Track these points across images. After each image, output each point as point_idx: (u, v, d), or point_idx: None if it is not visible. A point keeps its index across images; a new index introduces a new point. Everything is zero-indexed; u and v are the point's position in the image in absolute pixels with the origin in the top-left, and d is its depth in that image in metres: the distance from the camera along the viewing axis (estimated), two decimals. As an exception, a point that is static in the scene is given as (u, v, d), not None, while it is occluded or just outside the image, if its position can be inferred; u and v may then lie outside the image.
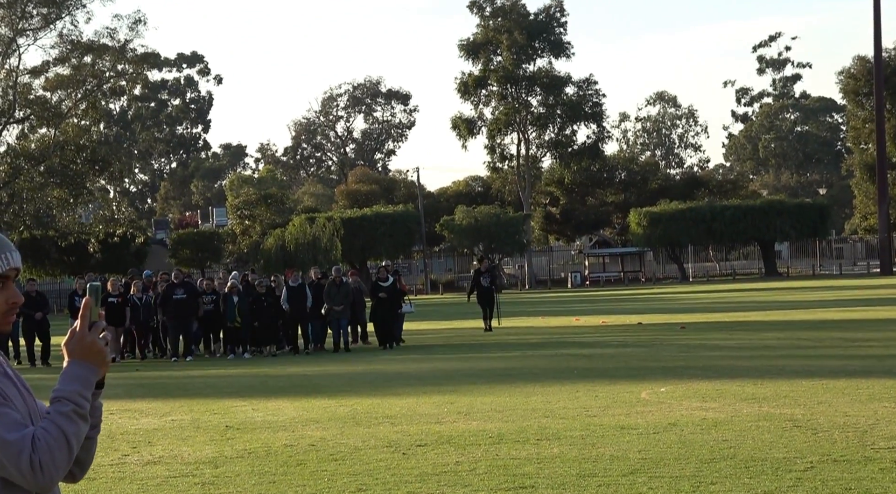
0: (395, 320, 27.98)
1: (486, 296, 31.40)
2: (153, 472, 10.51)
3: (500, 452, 10.74)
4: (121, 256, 69.87)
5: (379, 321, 27.51)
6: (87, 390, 3.04)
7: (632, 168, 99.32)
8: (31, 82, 72.15)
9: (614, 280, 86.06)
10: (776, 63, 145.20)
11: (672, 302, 48.36)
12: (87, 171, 67.68)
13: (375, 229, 79.59)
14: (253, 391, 18.02)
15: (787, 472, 9.18)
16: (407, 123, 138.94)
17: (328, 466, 10.36)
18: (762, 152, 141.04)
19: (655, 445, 10.74)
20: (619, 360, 20.81)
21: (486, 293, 31.38)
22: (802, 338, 24.54)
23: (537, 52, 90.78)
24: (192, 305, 26.43)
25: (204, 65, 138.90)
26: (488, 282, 31.44)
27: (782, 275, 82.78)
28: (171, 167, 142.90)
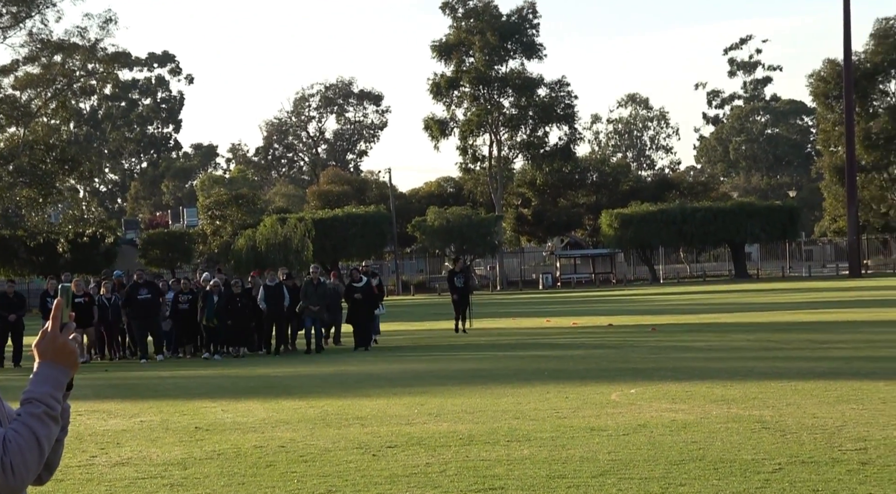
0: (371, 320, 27.84)
1: (461, 296, 31.09)
2: (121, 473, 10.46)
3: (470, 453, 10.74)
4: (90, 256, 69.49)
5: (356, 322, 27.32)
6: (59, 391, 3.03)
7: (603, 170, 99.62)
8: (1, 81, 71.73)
9: (585, 282, 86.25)
10: (747, 66, 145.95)
11: (643, 304, 48.51)
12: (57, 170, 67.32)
13: (347, 230, 79.50)
14: (223, 393, 17.95)
15: (755, 473, 9.22)
16: (379, 124, 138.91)
17: (298, 467, 10.34)
18: (733, 154, 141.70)
19: (625, 446, 10.77)
20: (589, 361, 20.84)
21: (460, 293, 31.07)
22: (772, 340, 24.64)
23: (509, 53, 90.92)
24: (157, 305, 26.28)
25: (175, 64, 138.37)
26: (462, 282, 31.17)
27: (752, 277, 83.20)
28: (142, 167, 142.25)
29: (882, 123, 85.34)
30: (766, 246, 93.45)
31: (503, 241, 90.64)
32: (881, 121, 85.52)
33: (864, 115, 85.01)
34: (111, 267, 59.83)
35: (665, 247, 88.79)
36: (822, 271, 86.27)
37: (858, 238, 79.04)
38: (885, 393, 14.20)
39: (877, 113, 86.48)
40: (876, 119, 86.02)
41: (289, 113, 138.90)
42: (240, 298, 26.40)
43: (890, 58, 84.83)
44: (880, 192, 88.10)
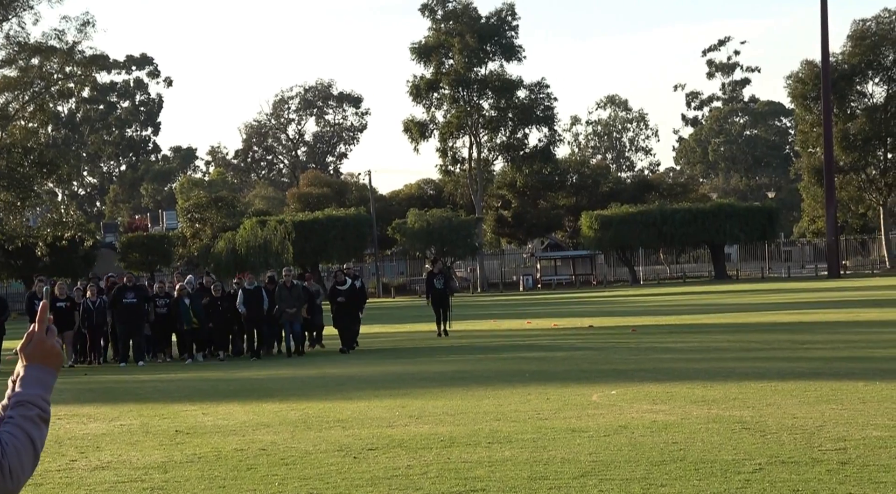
0: (356, 323, 27.65)
1: (440, 298, 30.61)
2: (101, 477, 10.41)
3: (451, 455, 10.73)
4: (69, 259, 69.21)
5: (341, 325, 27.09)
6: (48, 393, 3.07)
7: (583, 171, 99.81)
8: (-22, 84, 71.38)
9: (566, 283, 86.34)
10: (725, 67, 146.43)
11: (623, 305, 48.59)
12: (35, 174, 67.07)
13: (327, 233, 79.38)
14: (203, 396, 17.90)
15: (735, 474, 9.25)
16: (359, 126, 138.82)
17: (279, 470, 10.32)
18: (712, 156, 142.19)
19: (606, 447, 10.78)
20: (570, 363, 20.86)
21: (440, 296, 30.59)
22: (751, 341, 24.71)
23: (489, 55, 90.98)
24: (143, 309, 26.14)
25: (154, 67, 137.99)
26: (442, 284, 30.68)
27: (732, 278, 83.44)
28: (121, 170, 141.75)
29: (860, 124, 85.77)
30: (746, 247, 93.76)
31: (483, 243, 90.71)
32: (859, 122, 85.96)
33: (842, 116, 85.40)
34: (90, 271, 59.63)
35: (645, 248, 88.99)
36: (800, 272, 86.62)
37: (837, 239, 79.37)
38: (864, 393, 14.26)
39: (854, 114, 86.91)
40: (854, 120, 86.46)
41: (268, 115, 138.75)
42: (220, 301, 26.30)
43: (867, 59, 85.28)
44: (858, 193, 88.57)
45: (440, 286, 30.53)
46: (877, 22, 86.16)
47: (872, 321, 29.70)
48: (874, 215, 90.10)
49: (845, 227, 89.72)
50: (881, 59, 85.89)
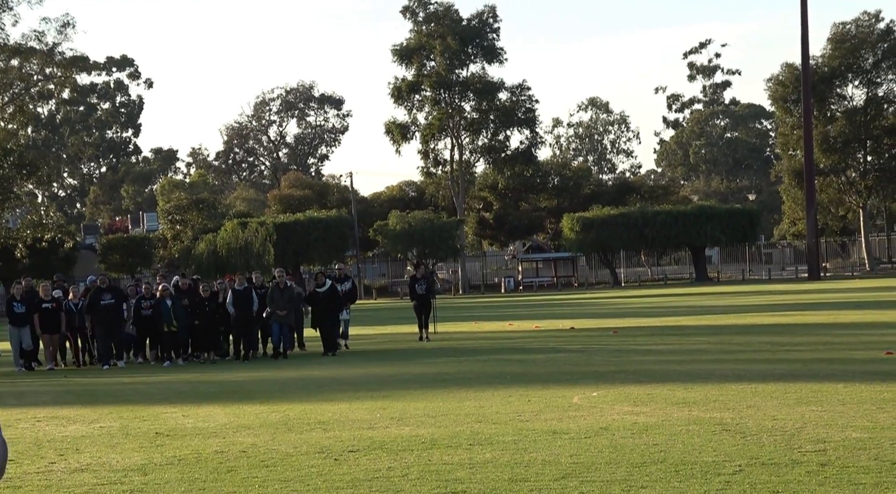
0: (336, 325, 27.39)
1: (423, 303, 30.27)
2: (80, 480, 10.37)
3: (432, 457, 10.73)
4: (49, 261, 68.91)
5: (322, 327, 26.90)
6: None
7: (564, 174, 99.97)
8: (-43, 85, 71.07)
9: (547, 285, 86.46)
10: (706, 70, 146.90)
11: (604, 307, 48.67)
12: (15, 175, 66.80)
13: (308, 234, 79.31)
14: (183, 398, 17.84)
15: (716, 476, 9.27)
16: (340, 128, 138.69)
17: (259, 472, 10.30)
18: (693, 158, 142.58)
19: (587, 449, 10.79)
20: (551, 365, 20.87)
21: (422, 300, 30.28)
22: (732, 342, 24.78)
23: (470, 57, 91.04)
24: (120, 309, 25.97)
25: (134, 68, 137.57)
26: (424, 289, 30.38)
27: (713, 280, 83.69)
28: (101, 172, 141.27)
29: (840, 126, 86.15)
30: (727, 249, 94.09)
31: (465, 245, 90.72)
32: (839, 125, 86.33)
33: (822, 118, 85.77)
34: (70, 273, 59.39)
35: (626, 250, 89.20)
36: (781, 274, 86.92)
37: (817, 241, 79.69)
38: (844, 395, 14.31)
39: (835, 117, 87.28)
40: (834, 123, 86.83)
41: (249, 117, 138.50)
42: (207, 302, 26.11)
43: (847, 62, 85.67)
44: (838, 195, 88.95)
45: (422, 291, 30.27)
46: (856, 25, 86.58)
47: (852, 322, 29.82)
48: (854, 217, 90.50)
49: (825, 229, 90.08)
50: (861, 62, 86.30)
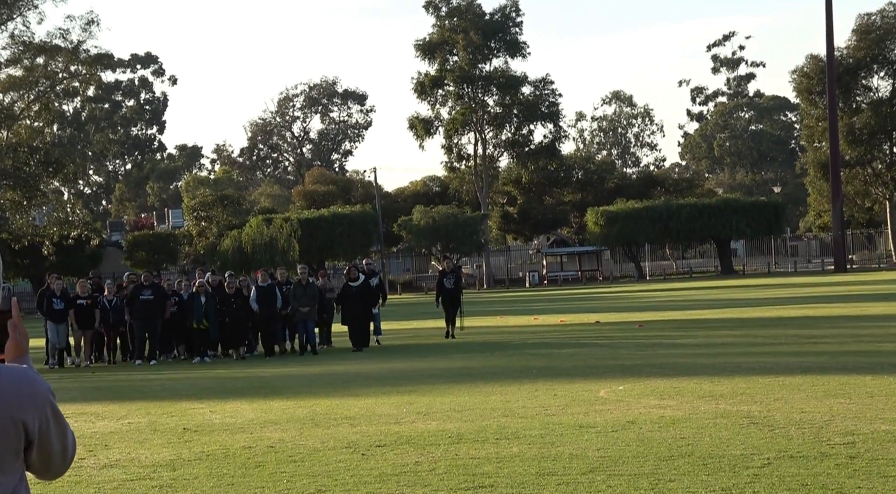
0: (368, 320, 27.11)
1: (451, 298, 29.49)
2: (110, 476, 10.42)
3: (459, 452, 10.73)
4: (75, 258, 69.24)
5: (352, 322, 26.62)
6: None
7: (588, 167, 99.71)
8: (-17, 84, 71.45)
9: (572, 279, 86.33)
10: (730, 62, 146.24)
11: (629, 301, 48.55)
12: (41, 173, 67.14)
13: (333, 230, 79.39)
14: (210, 393, 17.90)
15: (744, 469, 9.23)
16: (364, 124, 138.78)
17: (287, 468, 10.32)
18: (717, 151, 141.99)
19: (614, 443, 10.77)
20: (577, 359, 20.85)
21: (450, 295, 29.50)
22: (758, 335, 24.69)
23: (493, 51, 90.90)
24: (160, 306, 25.88)
25: (158, 65, 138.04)
26: (452, 283, 29.61)
27: (738, 273, 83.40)
28: (126, 169, 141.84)
29: (865, 118, 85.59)
30: (752, 242, 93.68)
31: (489, 239, 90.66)
32: (864, 116, 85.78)
33: (848, 110, 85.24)
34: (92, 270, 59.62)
35: (651, 244, 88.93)
36: (807, 267, 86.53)
37: (843, 233, 79.25)
38: (872, 387, 14.24)
39: (860, 108, 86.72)
40: (859, 114, 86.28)
41: (273, 113, 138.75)
42: (234, 299, 26.08)
43: (872, 53, 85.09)
44: (864, 187, 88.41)
45: (451, 286, 29.54)
46: (882, 16, 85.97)
47: (879, 315, 29.65)
48: (880, 209, 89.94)
49: (851, 221, 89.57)
50: (886, 53, 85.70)
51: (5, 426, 2.93)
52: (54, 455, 3.09)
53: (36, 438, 3.00)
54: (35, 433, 2.99)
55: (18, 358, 3.13)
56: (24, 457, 3.02)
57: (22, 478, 3.04)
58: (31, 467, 3.07)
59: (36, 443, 3.01)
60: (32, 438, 2.99)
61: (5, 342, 3.18)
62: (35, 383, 3.01)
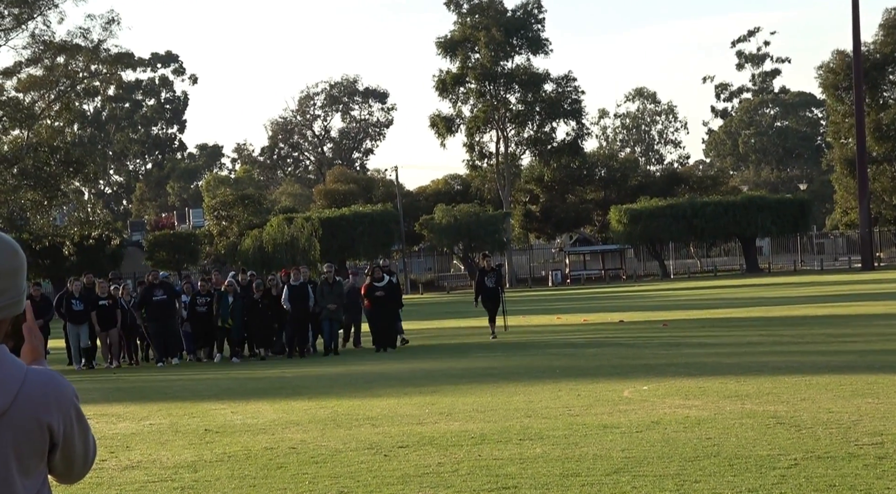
0: (395, 321, 27.03)
1: (493, 297, 28.80)
2: (131, 477, 10.46)
3: (482, 452, 10.73)
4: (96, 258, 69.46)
5: (377, 323, 26.54)
6: None
7: (612, 165, 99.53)
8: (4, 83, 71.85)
9: (595, 278, 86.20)
10: (755, 58, 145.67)
11: (653, 300, 48.45)
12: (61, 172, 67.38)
13: (354, 229, 79.49)
14: (232, 394, 17.96)
15: (770, 469, 9.20)
16: (385, 122, 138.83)
17: (309, 469, 10.34)
18: (742, 148, 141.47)
19: (639, 443, 10.75)
20: (601, 358, 20.82)
21: (491, 295, 28.79)
22: (784, 334, 24.61)
23: (515, 49, 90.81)
24: (173, 305, 25.90)
25: (179, 64, 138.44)
26: (493, 282, 28.87)
27: (763, 271, 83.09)
28: (147, 168, 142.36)
29: (892, 113, 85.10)
30: (778, 240, 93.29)
31: (511, 238, 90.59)
32: (892, 112, 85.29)
33: (875, 106, 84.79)
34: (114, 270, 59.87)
35: (675, 242, 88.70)
36: (834, 265, 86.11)
37: (871, 230, 78.84)
38: (901, 387, 14.16)
39: (887, 104, 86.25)
40: (886, 110, 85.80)
41: (294, 112, 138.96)
42: (261, 299, 26.00)
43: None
44: (892, 183, 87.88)
45: (491, 284, 28.81)
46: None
47: (908, 313, 29.48)
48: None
49: (879, 218, 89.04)
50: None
51: (31, 429, 2.94)
52: (77, 458, 3.10)
53: (60, 441, 3.01)
54: (60, 436, 3.00)
55: (35, 362, 3.14)
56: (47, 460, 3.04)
57: (45, 482, 3.05)
58: (54, 470, 3.08)
59: (60, 446, 3.02)
60: (57, 441, 3.01)
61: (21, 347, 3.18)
62: (60, 385, 3.02)
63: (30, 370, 2.99)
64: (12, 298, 3.03)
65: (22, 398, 2.93)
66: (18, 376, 2.96)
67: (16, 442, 2.93)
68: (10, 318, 3.05)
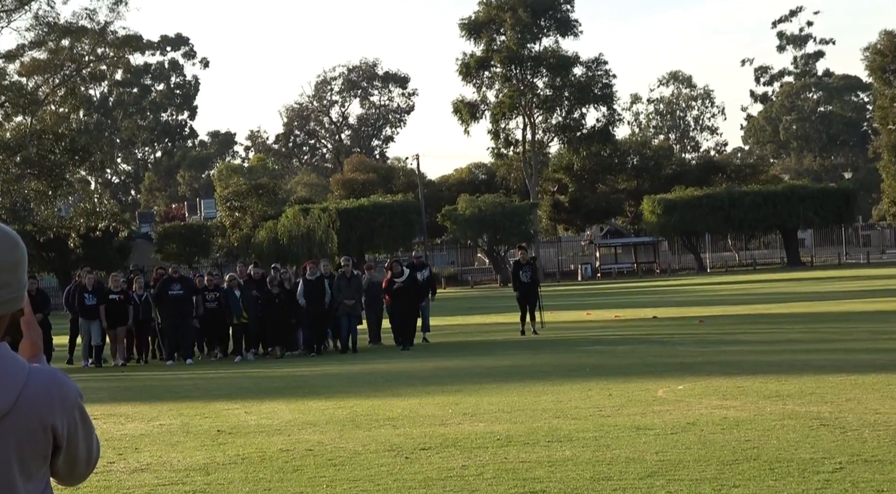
0: (415, 318, 26.99)
1: (528, 293, 28.46)
2: (140, 480, 10.51)
3: (508, 455, 10.74)
4: (103, 251, 69.86)
5: (398, 320, 26.51)
6: None
7: (644, 153, 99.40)
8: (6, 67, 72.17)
9: (627, 272, 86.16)
10: (797, 39, 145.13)
11: (689, 294, 48.39)
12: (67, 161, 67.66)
13: (373, 221, 79.66)
14: (245, 393, 18.01)
15: (814, 474, 9.17)
16: (406, 108, 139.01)
17: (327, 472, 10.36)
18: (783, 135, 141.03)
19: (674, 446, 10.74)
20: (633, 356, 20.83)
21: (526, 290, 28.45)
22: (828, 331, 24.55)
23: (543, 30, 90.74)
24: (190, 301, 25.74)
25: (189, 47, 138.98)
26: (529, 277, 28.48)
27: (806, 265, 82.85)
28: (156, 157, 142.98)
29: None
30: (821, 232, 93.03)
31: (539, 230, 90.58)
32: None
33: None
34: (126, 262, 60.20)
35: (712, 234, 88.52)
36: (881, 258, 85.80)
37: (919, 222, 78.50)
38: (952, 387, 14.10)
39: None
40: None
41: (310, 97, 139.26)
42: (278, 294, 25.86)
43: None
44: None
45: (527, 279, 28.46)
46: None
47: (959, 309, 29.37)
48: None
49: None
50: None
51: (34, 431, 2.95)
52: (80, 460, 3.10)
53: (64, 443, 3.02)
54: (63, 437, 3.01)
55: (35, 358, 3.15)
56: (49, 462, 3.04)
57: (47, 485, 3.06)
58: (56, 473, 3.09)
59: (63, 449, 3.03)
60: (60, 443, 3.01)
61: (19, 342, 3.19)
62: (64, 385, 3.02)
63: (32, 368, 2.99)
64: (12, 293, 3.03)
65: (24, 398, 2.93)
66: (20, 375, 2.96)
67: (18, 445, 2.93)
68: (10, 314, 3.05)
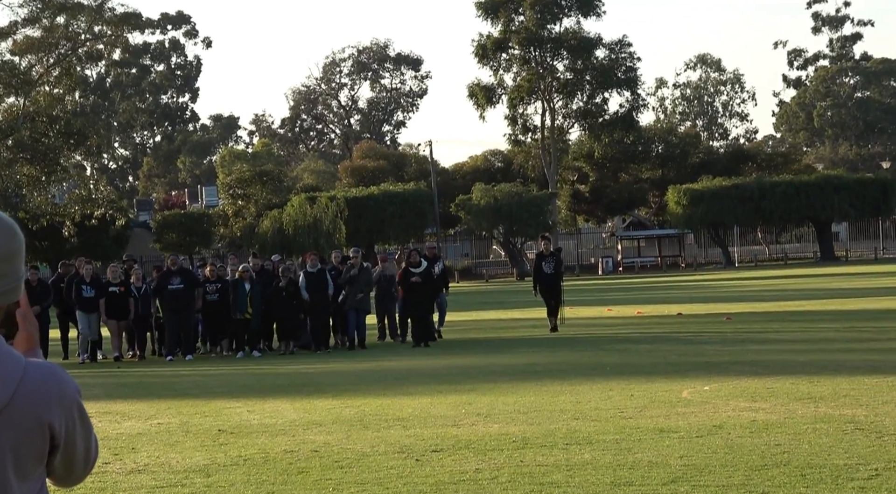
0: (431, 313, 26.86)
1: (551, 286, 28.18)
2: (138, 482, 10.54)
3: (524, 458, 10.75)
4: (99, 240, 70.06)
5: (414, 314, 26.41)
6: None
7: (670, 140, 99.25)
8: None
9: (651, 266, 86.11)
10: (833, 21, 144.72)
11: (716, 290, 48.34)
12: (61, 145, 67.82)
13: (384, 210, 79.69)
14: (248, 391, 18.06)
15: (848, 480, 9.17)
16: (418, 92, 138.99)
17: (333, 474, 10.38)
18: (817, 122, 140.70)
19: (699, 450, 10.75)
20: (656, 355, 20.83)
21: (550, 283, 28.15)
22: (864, 330, 24.52)
23: (563, 10, 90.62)
24: (191, 296, 25.65)
25: (191, 26, 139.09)
26: (552, 268, 28.20)
27: (840, 259, 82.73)
28: (155, 141, 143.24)
29: None
30: (856, 224, 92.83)
31: (558, 221, 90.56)
32: None
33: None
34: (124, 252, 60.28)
35: (740, 227, 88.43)
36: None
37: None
38: None
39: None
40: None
41: (318, 80, 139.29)
42: (285, 287, 25.74)
43: None
44: None
45: (550, 271, 28.22)
46: None
47: None
48: None
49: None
50: None
51: (31, 429, 2.95)
52: (78, 460, 3.11)
53: (62, 442, 3.02)
54: (61, 436, 3.01)
55: (31, 352, 3.16)
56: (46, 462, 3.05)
57: (43, 486, 3.06)
58: (52, 473, 3.09)
59: (61, 448, 3.03)
60: (58, 441, 3.02)
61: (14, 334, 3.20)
62: (62, 381, 3.03)
63: (29, 363, 3.00)
64: (10, 283, 3.04)
65: (21, 395, 2.94)
66: (17, 371, 2.96)
67: (14, 443, 2.93)
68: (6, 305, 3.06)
